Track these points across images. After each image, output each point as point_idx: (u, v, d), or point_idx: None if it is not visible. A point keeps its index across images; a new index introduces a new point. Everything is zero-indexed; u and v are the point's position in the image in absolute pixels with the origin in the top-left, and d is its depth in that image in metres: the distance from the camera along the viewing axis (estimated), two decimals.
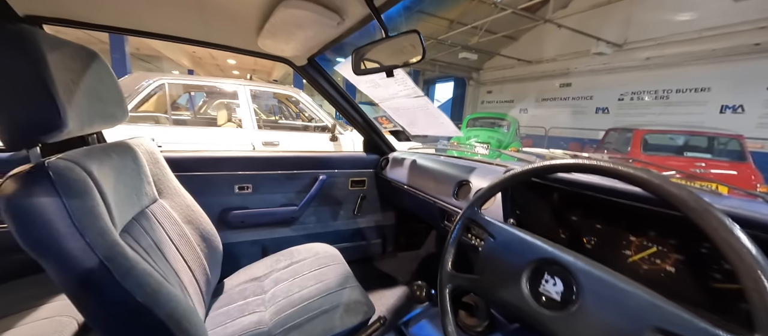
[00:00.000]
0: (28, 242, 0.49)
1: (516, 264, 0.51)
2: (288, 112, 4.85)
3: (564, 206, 0.73)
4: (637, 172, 0.40)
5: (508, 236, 0.55)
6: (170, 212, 0.91)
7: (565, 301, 0.44)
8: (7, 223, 0.49)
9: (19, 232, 0.48)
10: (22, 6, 0.75)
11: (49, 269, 0.51)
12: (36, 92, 0.51)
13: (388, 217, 1.69)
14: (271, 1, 0.71)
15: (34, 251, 0.49)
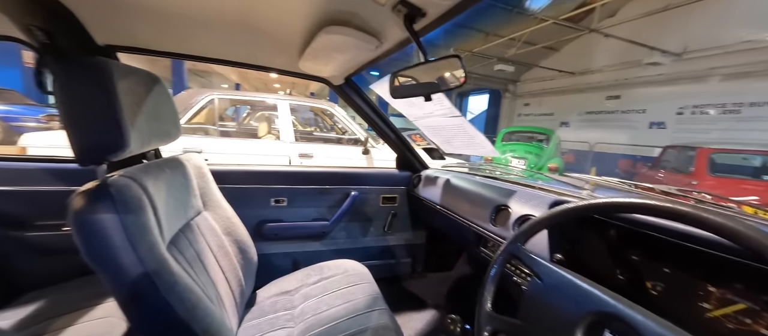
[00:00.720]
0: (87, 253, 0.53)
1: (568, 314, 0.45)
2: (322, 124, 5.02)
3: (623, 243, 0.65)
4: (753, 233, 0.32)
5: (557, 279, 0.50)
6: (212, 224, 0.96)
7: None
8: (73, 234, 0.54)
9: (81, 243, 0.53)
10: (102, 37, 0.85)
11: (104, 278, 0.55)
12: (106, 118, 0.56)
13: (419, 236, 1.65)
14: (313, 27, 0.73)
15: (92, 261, 0.54)
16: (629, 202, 0.43)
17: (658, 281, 0.59)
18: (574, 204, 0.51)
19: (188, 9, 0.73)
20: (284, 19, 0.75)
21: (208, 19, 0.77)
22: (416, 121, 1.18)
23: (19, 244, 1.04)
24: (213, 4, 0.70)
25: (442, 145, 1.25)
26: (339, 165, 1.58)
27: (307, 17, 0.72)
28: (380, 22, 0.67)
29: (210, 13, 0.74)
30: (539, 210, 0.80)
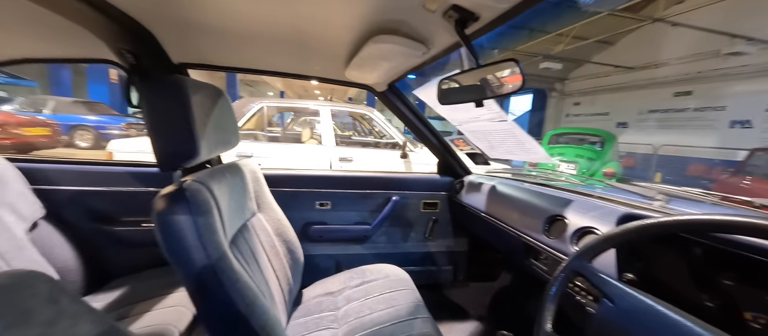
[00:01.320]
0: (166, 249, 0.60)
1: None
2: (361, 128, 5.13)
3: (712, 264, 0.56)
4: None
5: (633, 304, 0.44)
6: (265, 225, 1.03)
7: None
8: (155, 231, 0.61)
9: (161, 239, 0.60)
10: (176, 56, 0.96)
11: (178, 271, 0.61)
12: (182, 129, 0.63)
13: (461, 243, 1.60)
14: (361, 38, 0.75)
15: (169, 256, 0.60)
16: (735, 221, 0.36)
17: (760, 313, 0.50)
18: (658, 219, 0.45)
19: (249, 29, 0.80)
20: (333, 33, 0.78)
21: (266, 37, 0.83)
22: (460, 125, 1.15)
23: (108, 237, 1.21)
24: (271, 23, 0.76)
25: (488, 150, 1.20)
26: (380, 170, 1.60)
27: (355, 29, 0.74)
28: (428, 28, 0.67)
29: (268, 32, 0.80)
30: (603, 223, 0.72)
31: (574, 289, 0.55)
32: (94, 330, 0.38)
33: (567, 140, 6.02)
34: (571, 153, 5.50)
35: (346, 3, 0.61)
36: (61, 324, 0.35)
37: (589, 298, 0.51)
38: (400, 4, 0.59)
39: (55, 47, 0.92)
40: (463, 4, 0.51)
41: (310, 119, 4.71)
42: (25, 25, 0.80)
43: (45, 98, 7.53)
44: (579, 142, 5.86)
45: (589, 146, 5.62)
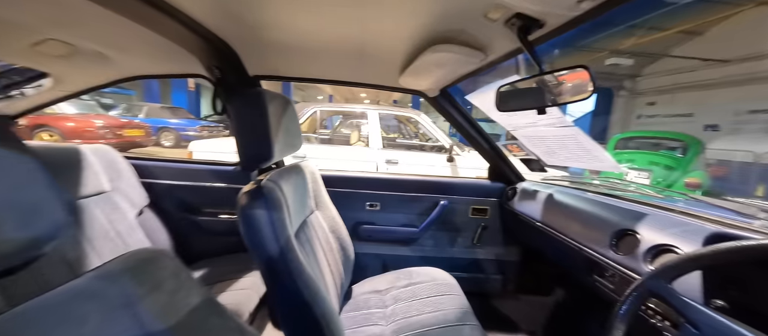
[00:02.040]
0: (246, 238, 0.70)
1: None
2: (406, 131, 5.17)
3: None
4: None
5: (725, 334, 0.40)
6: (322, 222, 1.11)
7: None
8: (239, 222, 0.70)
9: (243, 230, 0.69)
10: (253, 70, 1.10)
11: (254, 258, 0.70)
12: (261, 135, 0.72)
13: (512, 252, 1.53)
14: (418, 47, 0.78)
15: (249, 244, 0.70)
16: None
17: None
18: (761, 241, 0.40)
19: (315, 44, 0.88)
20: (392, 43, 0.83)
21: (330, 50, 0.91)
22: (515, 130, 1.11)
23: (193, 225, 1.41)
24: (335, 39, 0.83)
25: (545, 156, 1.14)
26: (428, 174, 1.61)
27: (414, 39, 0.77)
28: (488, 36, 0.67)
29: (332, 46, 0.88)
30: (687, 241, 0.65)
31: (647, 311, 0.51)
32: (201, 300, 0.46)
33: (638, 145, 5.33)
34: (643, 160, 4.86)
35: (408, 16, 0.65)
36: (180, 293, 0.44)
37: (667, 323, 0.47)
38: (461, 15, 0.61)
39: (162, 65, 1.12)
40: (528, 12, 0.51)
41: (357, 122, 4.89)
42: (142, 48, 0.99)
43: (140, 104, 8.97)
44: (654, 148, 5.16)
45: (666, 152, 4.92)
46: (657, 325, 0.48)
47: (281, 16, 0.73)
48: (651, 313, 0.50)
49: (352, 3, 0.62)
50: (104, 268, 0.39)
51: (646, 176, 4.61)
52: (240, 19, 0.76)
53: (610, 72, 9.48)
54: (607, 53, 7.68)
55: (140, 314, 0.37)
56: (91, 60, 1.00)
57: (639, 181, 4.56)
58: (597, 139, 3.94)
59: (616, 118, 11.01)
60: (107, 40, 0.91)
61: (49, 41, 0.86)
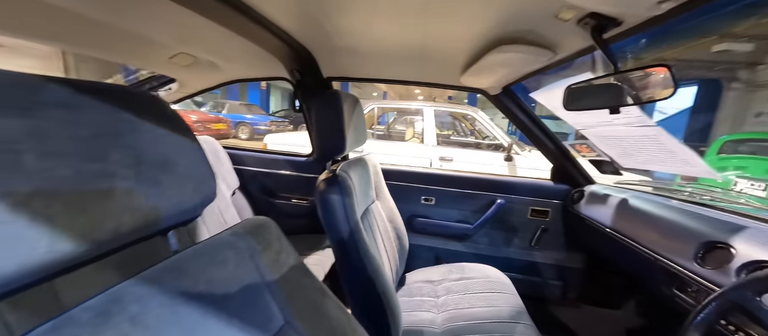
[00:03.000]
0: (323, 219, 0.81)
1: None
2: (461, 128, 5.05)
3: None
4: None
5: None
6: (381, 211, 1.21)
7: None
8: (317, 205, 0.83)
9: (321, 212, 0.81)
10: (326, 72, 1.24)
11: (329, 237, 0.82)
12: (336, 131, 0.84)
13: (574, 259, 1.44)
14: (484, 48, 0.81)
15: (325, 225, 0.82)
16: None
17: None
18: None
19: (384, 48, 0.97)
20: (456, 44, 0.87)
21: (396, 53, 0.99)
22: (585, 129, 1.05)
23: (271, 207, 1.64)
24: (402, 43, 0.90)
25: (620, 159, 1.05)
26: (485, 172, 1.60)
27: (478, 40, 0.80)
28: (558, 34, 0.67)
29: (399, 49, 0.95)
30: None
31: (728, 327, 0.47)
32: (296, 262, 0.57)
33: (753, 149, 4.37)
34: (759, 167, 3.98)
35: (474, 19, 0.68)
36: (282, 254, 0.56)
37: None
38: (530, 16, 0.62)
39: (255, 70, 1.33)
40: (604, 11, 0.51)
41: (411, 119, 4.94)
42: (242, 57, 1.19)
43: (223, 102, 10.33)
44: None
45: None
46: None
47: (356, 24, 0.83)
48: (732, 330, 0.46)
49: (420, 11, 0.68)
50: (234, 228, 0.52)
51: (763, 187, 3.77)
52: (320, 27, 0.88)
53: (717, 60, 7.83)
54: (715, 38, 6.37)
55: (259, 264, 0.49)
56: (206, 68, 1.24)
57: (754, 192, 3.74)
58: (695, 141, 3.37)
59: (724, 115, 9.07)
60: (218, 52, 1.13)
61: (180, 54, 1.11)
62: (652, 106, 11.29)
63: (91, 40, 1.00)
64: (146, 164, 0.35)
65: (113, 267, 0.43)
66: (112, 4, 0.75)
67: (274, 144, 3.39)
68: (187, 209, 0.42)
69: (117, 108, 0.34)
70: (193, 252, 0.43)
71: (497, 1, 0.60)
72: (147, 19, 0.85)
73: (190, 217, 0.44)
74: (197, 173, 0.43)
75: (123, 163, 0.33)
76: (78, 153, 0.29)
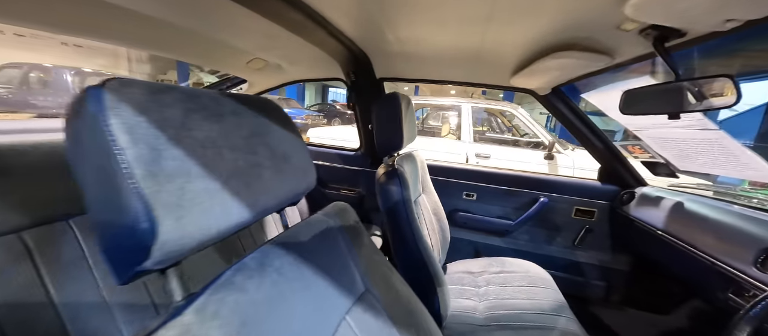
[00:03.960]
0: (383, 206, 0.92)
1: None
2: (497, 124, 4.94)
3: None
4: None
5: None
6: (427, 204, 1.29)
7: None
8: (377, 194, 0.93)
9: (381, 200, 0.92)
10: (379, 73, 1.34)
11: (387, 223, 0.92)
12: (396, 130, 0.93)
13: (620, 261, 1.43)
14: (537, 52, 0.86)
15: (384, 211, 0.92)
16: None
17: None
18: None
19: (437, 52, 1.04)
20: (507, 50, 0.92)
21: (449, 56, 1.06)
22: (639, 131, 1.05)
23: (323, 196, 1.79)
24: (457, 47, 0.97)
25: (676, 161, 1.04)
26: (528, 170, 1.62)
27: (532, 45, 0.85)
28: (617, 41, 0.70)
29: (452, 53, 1.02)
30: None
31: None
32: (369, 242, 0.68)
33: None
34: None
35: (533, 26, 0.74)
36: (359, 234, 0.67)
37: None
38: (589, 24, 0.66)
39: (315, 72, 1.47)
40: (667, 23, 0.54)
41: (444, 114, 4.92)
42: (304, 60, 1.32)
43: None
44: None
45: None
46: None
47: (417, 31, 0.91)
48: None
49: (483, 20, 0.75)
50: (325, 210, 0.63)
51: None
52: (380, 32, 0.98)
53: None
54: None
55: (345, 240, 0.60)
56: (273, 70, 1.40)
57: None
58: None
59: None
60: (286, 56, 1.27)
61: (255, 59, 1.26)
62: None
63: (178, 45, 1.16)
64: (277, 157, 0.46)
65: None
66: (205, 15, 0.87)
67: (316, 138, 3.60)
68: (298, 193, 0.53)
69: (258, 114, 0.46)
70: (303, 225, 0.55)
71: (558, 11, 0.64)
72: (234, 29, 0.99)
73: (297, 200, 0.55)
74: (304, 165, 0.54)
75: (265, 156, 0.44)
76: (244, 148, 0.41)
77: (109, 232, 0.29)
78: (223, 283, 0.36)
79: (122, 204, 0.27)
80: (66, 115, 0.29)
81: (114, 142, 0.27)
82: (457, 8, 0.70)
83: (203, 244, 0.34)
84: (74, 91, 0.90)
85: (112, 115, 0.27)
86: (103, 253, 0.30)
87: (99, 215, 0.29)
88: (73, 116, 0.28)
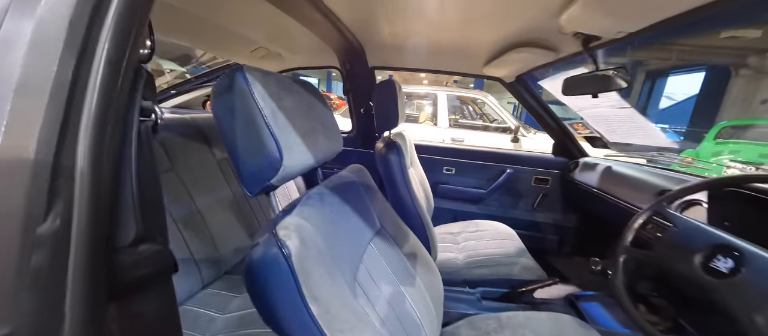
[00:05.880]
0: (384, 173, 1.12)
1: (693, 247, 0.64)
2: (469, 111, 5.29)
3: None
4: None
5: (687, 225, 0.68)
6: (414, 176, 1.52)
7: (731, 273, 0.56)
8: (378, 164, 1.14)
9: (381, 169, 1.12)
10: (371, 62, 1.52)
11: (387, 187, 1.13)
12: (392, 110, 1.13)
13: (569, 219, 1.76)
14: (505, 47, 1.10)
15: (384, 177, 1.13)
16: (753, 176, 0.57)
17: None
18: (725, 176, 0.66)
19: (422, 44, 1.25)
20: (482, 45, 1.15)
21: (434, 46, 1.27)
22: (580, 111, 1.34)
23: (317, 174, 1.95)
24: (439, 39, 1.18)
25: (607, 134, 1.34)
26: (498, 147, 1.89)
27: (501, 42, 1.08)
28: (560, 42, 0.95)
29: (435, 44, 1.23)
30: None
31: (647, 227, 0.79)
32: (379, 194, 0.88)
33: (755, 136, 4.59)
34: (752, 152, 4.21)
35: (502, 27, 0.96)
36: (372, 188, 0.87)
37: (657, 231, 0.75)
38: (541, 29, 0.91)
39: (312, 60, 1.62)
40: (586, 31, 0.79)
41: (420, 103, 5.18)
42: (303, 49, 1.47)
43: None
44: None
45: None
46: (654, 230, 0.76)
47: (408, 25, 1.10)
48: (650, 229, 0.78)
49: (460, 19, 0.96)
50: (348, 169, 0.83)
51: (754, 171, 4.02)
52: (376, 24, 1.14)
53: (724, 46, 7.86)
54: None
55: (366, 189, 0.80)
56: (274, 58, 1.53)
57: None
58: (701, 126, 3.70)
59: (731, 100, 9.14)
60: (286, 45, 1.41)
61: (260, 48, 1.39)
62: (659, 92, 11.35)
63: (190, 31, 1.25)
64: (323, 124, 0.65)
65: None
66: (220, 3, 0.96)
67: None
68: (332, 153, 0.72)
69: (309, 92, 0.64)
70: (335, 178, 0.74)
71: (519, 17, 0.87)
72: (245, 18, 1.11)
73: (331, 157, 0.74)
74: (336, 132, 0.73)
75: (318, 122, 0.63)
76: (308, 115, 0.59)
77: (251, 163, 0.47)
78: (304, 204, 0.55)
79: (264, 143, 0.45)
80: (215, 91, 0.47)
81: (258, 105, 0.45)
82: (444, 9, 0.91)
83: (297, 174, 0.53)
84: None
85: (254, 89, 0.45)
86: (245, 179, 0.47)
87: (245, 156, 0.46)
88: (225, 90, 0.46)
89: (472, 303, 1.14)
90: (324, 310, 0.42)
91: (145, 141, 0.35)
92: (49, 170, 0.23)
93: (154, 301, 0.36)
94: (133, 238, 0.31)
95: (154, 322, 0.37)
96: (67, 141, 0.24)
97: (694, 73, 9.99)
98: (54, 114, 0.24)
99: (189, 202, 1.11)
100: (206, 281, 1.09)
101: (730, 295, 0.55)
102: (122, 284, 0.31)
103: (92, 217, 0.25)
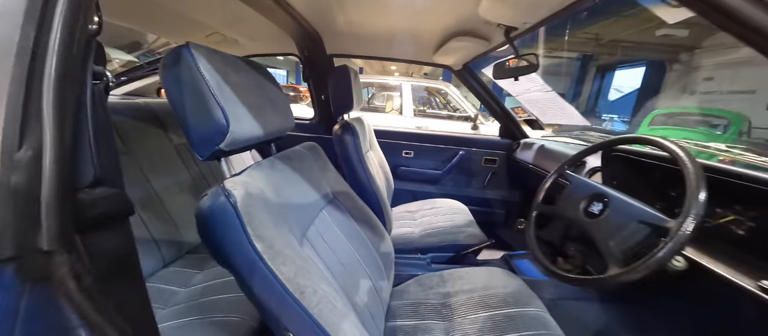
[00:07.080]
0: (340, 154, 1.21)
1: (579, 197, 0.81)
2: (436, 102, 5.49)
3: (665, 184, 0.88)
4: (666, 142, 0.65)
5: (579, 182, 0.85)
6: (373, 159, 1.62)
7: (600, 213, 0.73)
8: (335, 146, 1.22)
9: (338, 149, 1.21)
10: (330, 50, 1.59)
11: (343, 167, 1.22)
12: (347, 95, 1.22)
13: (515, 195, 1.96)
14: (448, 36, 1.22)
15: (341, 158, 1.21)
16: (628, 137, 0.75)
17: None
18: (603, 140, 0.84)
19: (378, 33, 1.34)
20: (429, 35, 1.26)
21: (387, 35, 1.36)
22: (517, 96, 1.51)
23: None
24: (392, 27, 1.27)
25: (539, 116, 1.53)
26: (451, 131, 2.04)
27: (446, 30, 1.20)
28: (490, 32, 1.09)
29: (389, 31, 1.33)
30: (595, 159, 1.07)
31: (553, 187, 0.96)
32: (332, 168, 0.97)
33: (679, 122, 5.25)
34: (677, 136, 4.82)
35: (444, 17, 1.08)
36: (325, 161, 0.95)
37: (560, 189, 0.92)
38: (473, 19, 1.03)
39: (271, 46, 1.65)
40: (506, 23, 0.93)
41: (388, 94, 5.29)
42: (261, 36, 1.50)
43: None
44: (696, 125, 5.08)
45: (705, 129, 4.83)
46: (556, 193, 0.93)
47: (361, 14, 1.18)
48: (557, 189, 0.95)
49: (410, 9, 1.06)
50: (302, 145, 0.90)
51: None
52: (330, 12, 1.20)
53: (661, 43, 8.78)
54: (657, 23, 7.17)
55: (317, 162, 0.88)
56: (231, 45, 1.54)
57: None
58: (640, 115, 4.18)
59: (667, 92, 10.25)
60: (243, 32, 1.44)
61: (215, 34, 1.40)
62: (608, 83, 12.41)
63: (139, 14, 1.24)
64: (271, 101, 0.72)
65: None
66: None
67: None
68: (284, 129, 0.80)
69: (257, 73, 0.70)
70: (289, 151, 0.82)
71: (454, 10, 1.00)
72: (198, 1, 1.13)
73: (283, 135, 0.82)
74: (285, 111, 0.80)
75: (266, 99, 0.70)
76: (256, 93, 0.66)
77: (200, 130, 0.53)
78: (253, 168, 0.62)
79: (211, 112, 0.52)
80: (163, 64, 0.52)
81: (204, 77, 0.51)
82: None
83: (246, 144, 0.60)
84: None
85: (200, 63, 0.51)
86: (195, 144, 0.53)
87: (193, 123, 0.52)
88: (172, 64, 0.52)
89: (422, 266, 1.27)
90: (268, 246, 0.50)
91: (99, 101, 0.40)
92: (20, 113, 0.29)
93: (114, 240, 0.42)
94: (92, 180, 0.38)
95: (115, 262, 0.43)
96: (33, 94, 0.31)
97: (636, 68, 11.05)
98: (20, 72, 0.30)
99: (145, 185, 1.13)
100: (167, 260, 1.12)
101: (596, 230, 0.71)
102: (84, 222, 0.37)
103: (58, 154, 0.31)
